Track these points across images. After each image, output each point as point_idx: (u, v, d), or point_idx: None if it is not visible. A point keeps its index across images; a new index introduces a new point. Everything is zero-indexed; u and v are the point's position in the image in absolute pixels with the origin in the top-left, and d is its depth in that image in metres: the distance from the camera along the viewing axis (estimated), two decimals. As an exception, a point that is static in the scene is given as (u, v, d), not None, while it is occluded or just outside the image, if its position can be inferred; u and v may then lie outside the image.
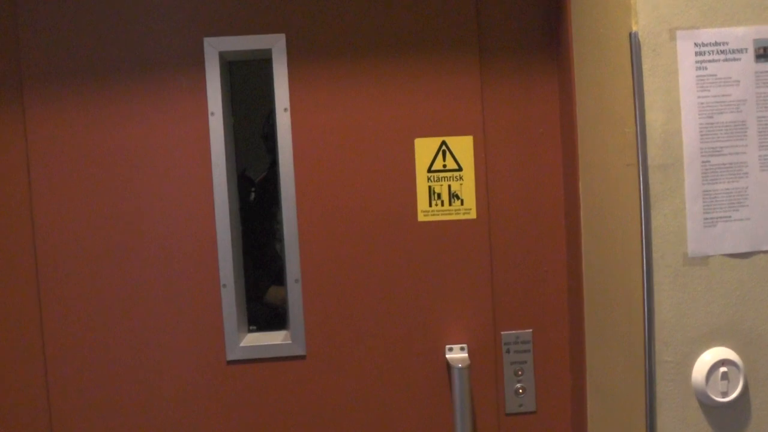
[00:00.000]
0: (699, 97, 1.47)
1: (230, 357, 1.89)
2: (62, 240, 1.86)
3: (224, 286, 1.88)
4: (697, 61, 1.47)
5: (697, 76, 1.47)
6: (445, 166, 1.90)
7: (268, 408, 1.91)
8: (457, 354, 1.91)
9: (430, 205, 1.91)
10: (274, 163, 2.46)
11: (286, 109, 1.88)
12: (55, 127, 1.85)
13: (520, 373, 1.94)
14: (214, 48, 1.86)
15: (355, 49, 1.88)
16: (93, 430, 1.88)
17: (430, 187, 1.90)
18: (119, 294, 1.87)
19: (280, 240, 1.94)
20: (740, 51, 1.48)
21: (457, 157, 1.90)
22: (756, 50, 1.48)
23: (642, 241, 1.48)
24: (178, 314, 1.88)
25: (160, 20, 1.86)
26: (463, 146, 1.90)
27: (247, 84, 2.17)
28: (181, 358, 1.89)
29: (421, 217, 1.91)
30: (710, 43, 1.47)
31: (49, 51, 1.84)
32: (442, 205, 1.91)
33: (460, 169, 1.91)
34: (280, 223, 1.91)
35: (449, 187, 1.90)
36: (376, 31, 1.88)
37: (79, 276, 1.87)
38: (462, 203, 1.91)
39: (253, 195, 2.60)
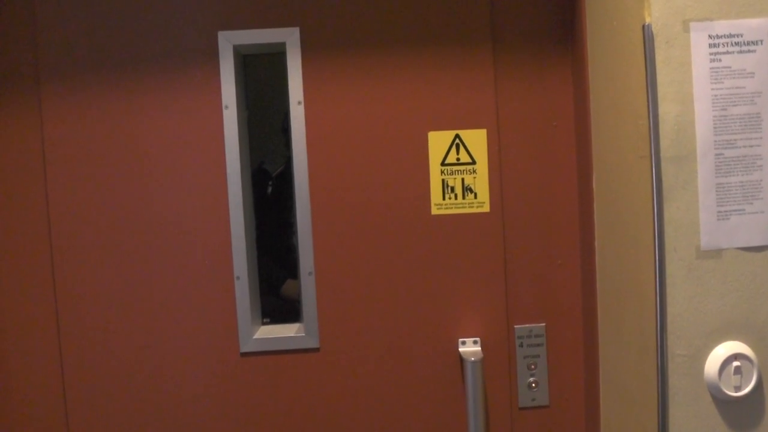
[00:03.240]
0: (713, 89, 1.45)
1: (244, 349, 1.90)
2: (77, 233, 1.88)
3: (238, 278, 1.89)
4: (711, 53, 1.45)
5: (711, 68, 1.45)
6: (458, 159, 1.90)
7: (282, 400, 1.92)
8: (470, 347, 1.91)
9: (444, 199, 1.91)
10: (291, 157, 2.46)
11: (300, 103, 1.88)
12: (71, 120, 1.87)
13: (533, 366, 1.94)
14: (228, 41, 1.87)
15: (368, 43, 1.88)
16: (107, 421, 1.91)
17: (443, 180, 1.90)
18: (133, 286, 1.89)
19: (297, 233, 1.94)
20: (755, 43, 1.46)
21: (470, 150, 1.90)
22: (771, 42, 1.47)
23: (655, 233, 1.47)
24: (192, 306, 1.90)
25: (175, 14, 1.87)
26: (476, 139, 1.90)
27: (262, 77, 2.17)
28: (195, 350, 1.91)
29: (434, 211, 1.91)
30: (725, 35, 1.45)
31: (65, 45, 1.86)
32: (456, 198, 1.91)
33: (473, 162, 1.90)
34: (296, 216, 1.92)
35: (463, 180, 1.90)
36: (389, 25, 1.88)
37: (93, 268, 1.88)
38: (475, 196, 1.91)
39: (270, 188, 2.60)
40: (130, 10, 1.87)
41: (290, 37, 1.87)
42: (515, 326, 1.94)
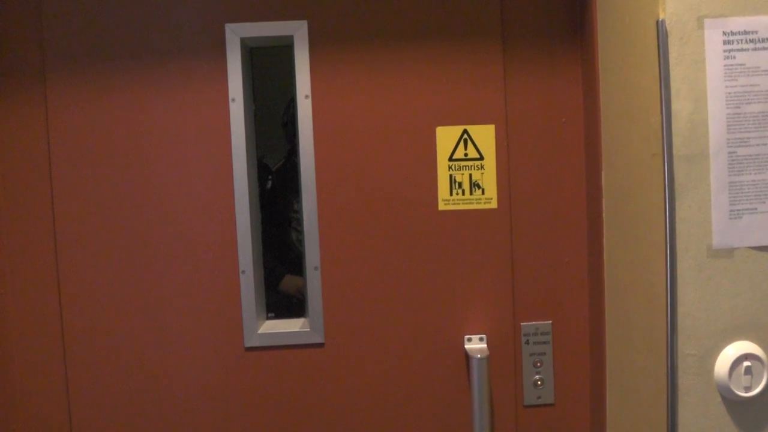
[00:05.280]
0: (726, 86, 1.44)
1: (248, 344, 1.89)
2: (81, 226, 1.87)
3: (243, 272, 1.88)
4: (725, 50, 1.44)
5: (725, 66, 1.44)
6: (466, 154, 1.89)
7: (286, 395, 1.91)
8: (476, 344, 1.90)
9: (451, 194, 1.89)
10: (292, 152, 2.45)
11: (307, 96, 1.87)
12: (76, 113, 1.85)
13: (539, 364, 1.93)
14: (235, 34, 1.85)
15: (377, 37, 1.87)
16: (112, 416, 1.90)
17: (451, 175, 1.89)
18: (138, 280, 1.88)
19: (296, 229, 1.93)
20: (770, 40, 1.45)
21: (478, 145, 1.89)
22: (787, 40, 1.45)
23: (666, 232, 1.46)
24: (196, 300, 1.89)
25: (182, 6, 1.86)
26: (484, 135, 1.89)
27: (269, 70, 2.16)
28: (200, 344, 1.90)
29: (441, 206, 1.90)
30: (739, 32, 1.44)
31: (72, 37, 1.85)
32: (463, 194, 1.89)
33: (481, 158, 1.89)
34: (296, 211, 1.91)
35: (470, 176, 1.89)
36: (398, 19, 1.87)
37: (97, 261, 1.87)
38: (483, 192, 1.89)
39: (269, 183, 2.60)
40: (137, 2, 1.85)
41: (298, 31, 1.86)
42: (521, 323, 1.93)
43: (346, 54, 1.87)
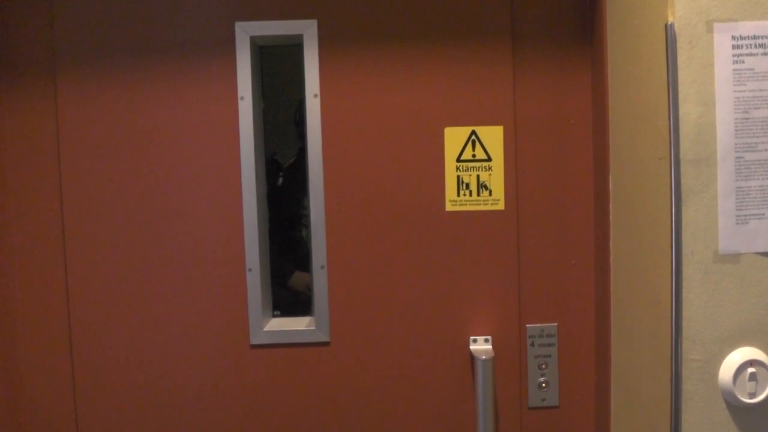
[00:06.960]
0: (735, 91, 1.43)
1: (254, 341, 1.90)
2: (89, 222, 1.88)
3: (250, 270, 1.88)
4: (734, 55, 1.43)
5: (733, 70, 1.43)
6: (474, 155, 1.89)
7: (291, 393, 1.91)
8: (481, 345, 1.90)
9: (458, 195, 1.89)
10: (303, 149, 2.45)
11: (316, 95, 1.87)
12: (86, 108, 1.86)
13: (544, 366, 1.93)
14: (245, 32, 1.86)
15: (386, 37, 1.87)
16: (117, 412, 1.91)
17: (458, 176, 1.89)
18: (145, 276, 1.89)
19: (306, 226, 1.93)
20: (780, 45, 1.44)
21: (486, 147, 1.88)
22: (796, 45, 1.44)
23: (672, 236, 1.45)
24: (203, 297, 1.89)
25: (192, 4, 1.86)
26: (493, 136, 1.88)
27: (278, 69, 2.16)
28: (206, 341, 1.90)
29: (448, 207, 1.90)
30: (748, 37, 1.43)
31: (82, 33, 1.86)
32: (471, 195, 1.89)
33: (489, 159, 1.89)
34: (306, 209, 1.91)
35: (478, 177, 1.89)
36: (408, 19, 1.87)
37: (105, 258, 1.88)
38: (490, 194, 1.89)
39: (280, 180, 2.60)
40: (147, 0, 1.86)
41: (308, 30, 1.86)
42: (527, 325, 1.92)
43: (355, 54, 1.87)
